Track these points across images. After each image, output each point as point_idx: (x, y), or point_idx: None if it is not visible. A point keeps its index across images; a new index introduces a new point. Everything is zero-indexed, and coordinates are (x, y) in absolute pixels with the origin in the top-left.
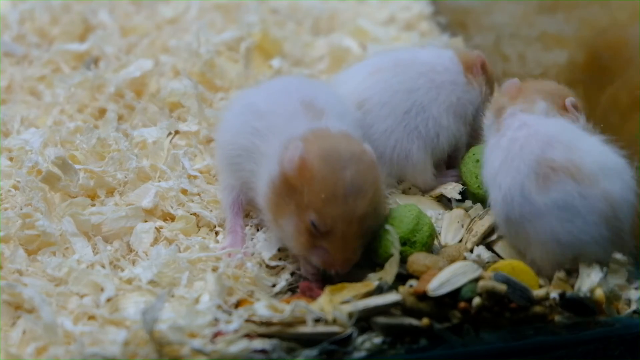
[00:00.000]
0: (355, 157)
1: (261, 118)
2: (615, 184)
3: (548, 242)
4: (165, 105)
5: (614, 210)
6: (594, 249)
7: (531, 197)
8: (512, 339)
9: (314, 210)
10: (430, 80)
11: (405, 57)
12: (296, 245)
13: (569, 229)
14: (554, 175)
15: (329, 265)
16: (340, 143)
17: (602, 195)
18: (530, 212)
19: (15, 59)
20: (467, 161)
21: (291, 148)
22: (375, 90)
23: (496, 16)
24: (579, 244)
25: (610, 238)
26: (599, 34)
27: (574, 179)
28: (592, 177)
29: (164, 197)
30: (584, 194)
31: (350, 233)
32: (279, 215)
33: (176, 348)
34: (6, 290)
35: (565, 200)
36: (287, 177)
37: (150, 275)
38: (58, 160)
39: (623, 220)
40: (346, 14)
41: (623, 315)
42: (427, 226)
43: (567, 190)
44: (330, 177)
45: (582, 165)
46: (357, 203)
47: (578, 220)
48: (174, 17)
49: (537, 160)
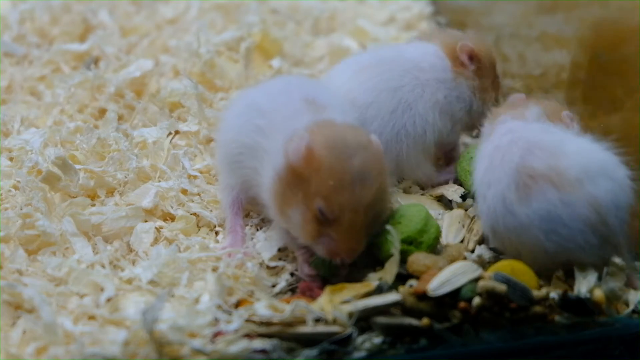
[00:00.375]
0: (362, 146)
1: (263, 116)
2: (601, 186)
3: (536, 253)
4: (165, 105)
5: (600, 215)
6: (583, 256)
7: (513, 208)
8: (512, 339)
9: (322, 197)
10: (415, 77)
11: (390, 54)
12: (303, 233)
13: (555, 240)
14: (534, 184)
15: (334, 254)
16: (347, 132)
17: (587, 201)
18: (513, 224)
19: (15, 59)
20: (462, 160)
21: (296, 139)
22: (361, 91)
23: (496, 16)
24: (567, 252)
25: (599, 244)
26: (598, 34)
27: (555, 186)
28: (575, 182)
29: (164, 197)
30: (567, 202)
31: (356, 221)
32: (285, 205)
33: (176, 348)
34: (6, 290)
35: (548, 210)
36: (293, 168)
37: (150, 275)
38: (58, 160)
39: (612, 224)
40: (346, 14)
41: (622, 315)
42: (434, 228)
43: (549, 199)
44: (338, 164)
45: (565, 171)
46: (364, 191)
47: (563, 229)
48: (174, 17)
49: (517, 169)
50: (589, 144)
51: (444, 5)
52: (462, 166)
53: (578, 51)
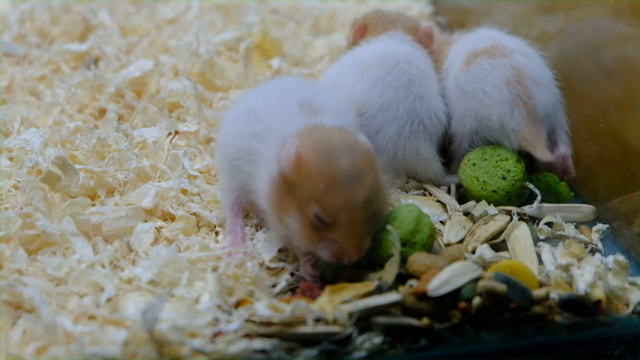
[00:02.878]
0: (349, 146)
1: (259, 121)
2: (527, 61)
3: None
4: (165, 106)
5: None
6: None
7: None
8: (512, 339)
9: (316, 202)
10: (418, 68)
11: (385, 50)
12: (303, 241)
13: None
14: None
15: (339, 256)
16: (333, 135)
17: (511, 65)
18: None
19: (16, 59)
20: (465, 167)
21: (287, 146)
22: (375, 93)
23: (496, 16)
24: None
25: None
26: (598, 33)
27: (490, 56)
28: (508, 52)
29: (164, 197)
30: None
31: (355, 220)
32: (282, 213)
33: (176, 348)
34: (6, 290)
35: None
36: (286, 175)
37: (150, 275)
38: (58, 160)
39: (529, 88)
40: (346, 14)
41: (622, 315)
42: (427, 227)
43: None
44: (327, 167)
45: (501, 45)
46: (358, 189)
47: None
48: (174, 17)
49: (466, 52)
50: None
51: (444, 5)
52: (467, 173)
53: (578, 51)
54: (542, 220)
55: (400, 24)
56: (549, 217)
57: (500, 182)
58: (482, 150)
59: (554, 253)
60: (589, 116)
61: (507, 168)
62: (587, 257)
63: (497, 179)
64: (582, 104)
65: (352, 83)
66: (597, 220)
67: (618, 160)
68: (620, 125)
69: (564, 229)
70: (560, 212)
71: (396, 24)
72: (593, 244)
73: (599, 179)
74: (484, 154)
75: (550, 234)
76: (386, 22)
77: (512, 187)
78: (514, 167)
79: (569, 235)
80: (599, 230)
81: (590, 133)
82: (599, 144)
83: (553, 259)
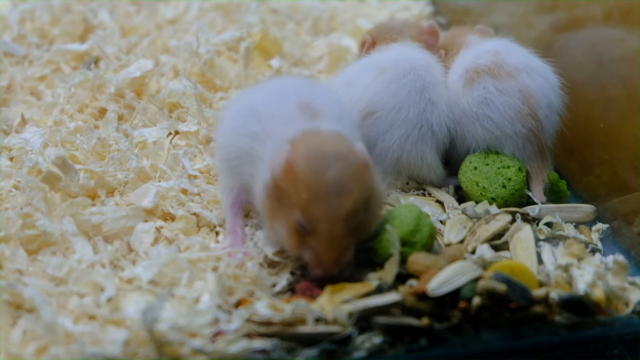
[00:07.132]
0: (340, 156)
1: (259, 121)
2: (535, 80)
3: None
4: (165, 106)
5: (530, 104)
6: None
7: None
8: (512, 339)
9: (299, 209)
10: (432, 75)
11: (401, 55)
12: (288, 245)
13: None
14: (477, 77)
15: (317, 266)
16: (327, 143)
17: (519, 89)
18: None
19: (16, 59)
20: (465, 170)
21: (280, 151)
22: (388, 94)
23: (496, 16)
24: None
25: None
26: (598, 33)
27: (494, 77)
28: (514, 71)
29: (164, 197)
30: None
31: (335, 233)
32: (273, 218)
33: (176, 348)
34: (6, 290)
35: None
36: (276, 181)
37: (150, 275)
38: (58, 160)
39: (540, 117)
40: (346, 14)
41: (622, 315)
42: (427, 227)
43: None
44: (313, 177)
45: (505, 63)
46: (341, 202)
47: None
48: (174, 17)
49: (466, 69)
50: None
51: (444, 5)
52: (467, 176)
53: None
54: (542, 220)
55: (407, 32)
56: (549, 217)
57: (500, 190)
58: (485, 155)
59: (554, 253)
60: (589, 116)
61: (508, 176)
62: (587, 257)
63: (497, 187)
64: (582, 104)
65: (366, 82)
66: (597, 220)
67: (618, 160)
68: (620, 125)
69: (563, 229)
70: (560, 212)
71: (403, 34)
72: (593, 244)
73: (599, 179)
74: (486, 158)
75: (550, 234)
76: (393, 34)
77: (511, 196)
78: (515, 176)
79: (568, 235)
80: (598, 230)
81: (590, 133)
82: (599, 144)
83: (553, 259)
